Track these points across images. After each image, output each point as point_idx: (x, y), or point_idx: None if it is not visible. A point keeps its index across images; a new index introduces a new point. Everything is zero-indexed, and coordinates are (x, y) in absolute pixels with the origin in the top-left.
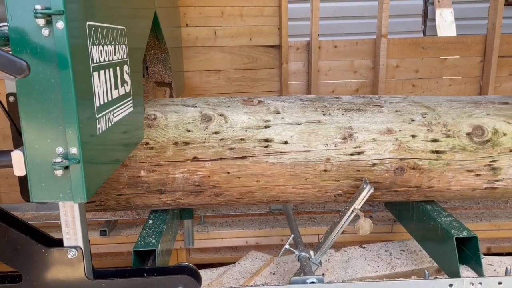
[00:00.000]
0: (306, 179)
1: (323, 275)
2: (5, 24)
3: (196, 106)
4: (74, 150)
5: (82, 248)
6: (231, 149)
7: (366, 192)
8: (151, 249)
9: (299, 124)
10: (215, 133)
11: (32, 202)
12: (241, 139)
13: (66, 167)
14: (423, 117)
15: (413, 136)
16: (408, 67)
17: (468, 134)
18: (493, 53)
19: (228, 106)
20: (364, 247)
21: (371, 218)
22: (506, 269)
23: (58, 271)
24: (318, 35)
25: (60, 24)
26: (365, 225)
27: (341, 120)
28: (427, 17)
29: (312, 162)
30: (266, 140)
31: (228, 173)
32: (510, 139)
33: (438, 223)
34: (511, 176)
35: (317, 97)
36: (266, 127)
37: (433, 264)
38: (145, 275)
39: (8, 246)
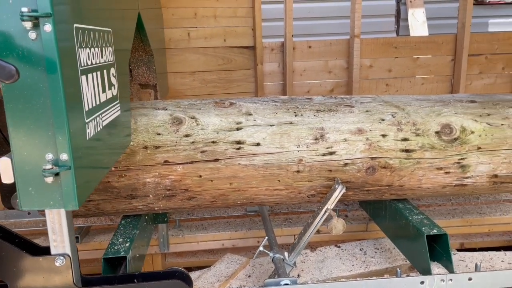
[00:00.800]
0: (279, 181)
1: (298, 275)
2: None
3: (166, 109)
4: (64, 156)
5: (70, 256)
6: (202, 152)
7: (339, 192)
8: (122, 256)
9: (271, 125)
10: (186, 136)
11: (21, 210)
12: (213, 142)
13: (57, 174)
14: (393, 117)
15: (384, 136)
16: (381, 66)
17: (437, 132)
18: (463, 52)
19: (200, 109)
20: (339, 247)
21: (346, 217)
22: (476, 265)
23: (46, 280)
24: (293, 35)
25: (47, 27)
26: (338, 225)
27: (313, 121)
28: (400, 17)
29: (284, 164)
30: (238, 142)
31: (200, 176)
32: (477, 137)
33: (410, 221)
34: (480, 173)
35: (289, 98)
36: (238, 129)
37: (406, 261)
38: (135, 281)
39: None
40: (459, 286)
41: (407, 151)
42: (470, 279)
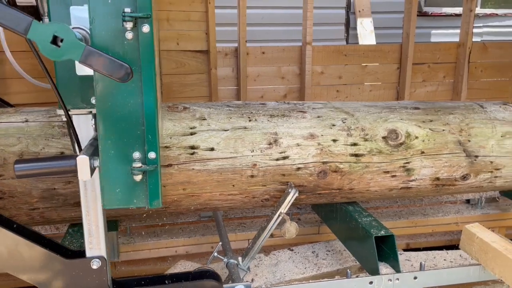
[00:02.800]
0: (233, 185)
1: (252, 280)
2: (78, 26)
3: None
4: (152, 155)
5: (106, 258)
6: None
7: (292, 196)
8: None
9: (225, 130)
10: None
11: (104, 208)
12: (166, 147)
13: (143, 173)
14: (343, 122)
15: (334, 141)
16: (332, 73)
17: (384, 137)
18: (408, 61)
19: None
20: (292, 250)
21: (299, 220)
22: (421, 264)
23: (81, 283)
24: (246, 41)
25: (146, 28)
26: (291, 229)
27: (267, 126)
28: (349, 25)
29: (238, 168)
30: (192, 147)
31: None
32: (421, 141)
33: (359, 223)
34: (423, 176)
35: (243, 103)
36: (192, 134)
37: (356, 263)
38: (166, 282)
39: (26, 260)
40: (405, 285)
41: (356, 155)
42: (415, 277)
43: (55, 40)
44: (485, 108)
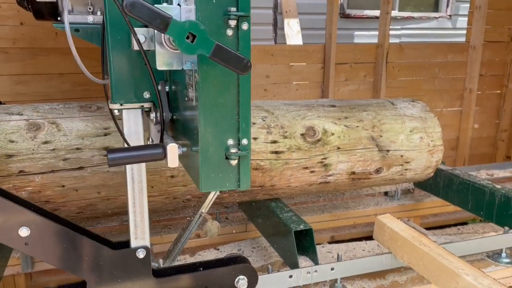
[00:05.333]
0: (152, 187)
1: None
2: None
3: (22, 114)
4: (245, 141)
5: (150, 248)
6: (65, 159)
7: (213, 195)
8: None
9: None
10: (45, 143)
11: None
12: (77, 149)
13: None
14: (263, 120)
15: (255, 139)
16: (260, 73)
17: (302, 134)
18: (331, 61)
19: (62, 113)
20: (218, 249)
21: (227, 219)
22: (338, 255)
23: (127, 272)
24: None
25: (245, 26)
26: (213, 228)
27: None
28: (277, 26)
29: (158, 169)
30: (106, 149)
31: (63, 186)
32: (337, 138)
33: (280, 218)
34: (340, 171)
35: None
36: (106, 134)
37: (279, 258)
38: (201, 269)
39: (72, 253)
40: (323, 276)
41: (276, 152)
42: (332, 269)
43: (188, 37)
44: (396, 105)
